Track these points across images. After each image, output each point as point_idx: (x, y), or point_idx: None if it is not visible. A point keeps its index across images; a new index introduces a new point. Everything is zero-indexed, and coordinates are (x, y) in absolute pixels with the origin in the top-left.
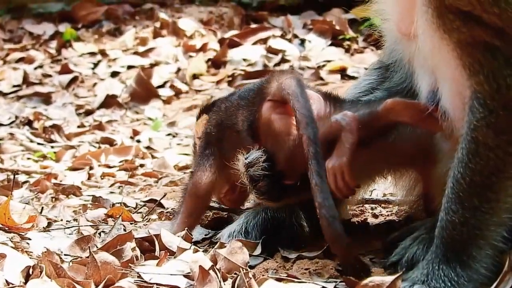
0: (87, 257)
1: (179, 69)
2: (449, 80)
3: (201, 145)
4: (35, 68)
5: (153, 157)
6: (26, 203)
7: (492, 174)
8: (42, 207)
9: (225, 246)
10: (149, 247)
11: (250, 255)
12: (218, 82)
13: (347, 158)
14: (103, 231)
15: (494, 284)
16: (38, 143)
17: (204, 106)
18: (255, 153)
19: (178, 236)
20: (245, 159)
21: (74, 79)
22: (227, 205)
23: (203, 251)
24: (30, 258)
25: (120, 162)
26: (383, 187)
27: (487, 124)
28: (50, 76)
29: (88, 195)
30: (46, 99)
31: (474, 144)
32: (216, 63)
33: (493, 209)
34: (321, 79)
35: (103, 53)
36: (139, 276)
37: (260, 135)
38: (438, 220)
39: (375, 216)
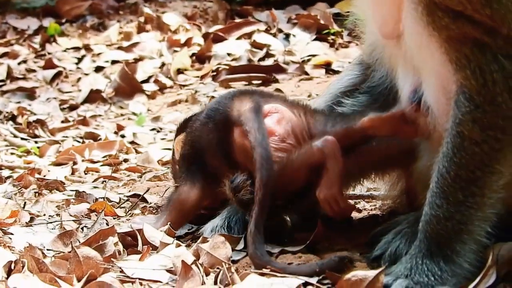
0: (70, 252)
1: (163, 64)
2: (434, 76)
3: (184, 161)
4: (19, 63)
5: (137, 152)
6: (9, 198)
7: (477, 168)
8: (25, 202)
9: (208, 241)
10: (131, 242)
11: (233, 250)
12: (202, 77)
13: (338, 186)
14: (85, 226)
15: (478, 278)
16: (22, 138)
17: (181, 123)
18: (240, 177)
19: (161, 231)
20: (231, 183)
21: (58, 74)
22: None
23: (185, 246)
24: (12, 253)
25: (104, 157)
26: (367, 182)
27: (473, 119)
28: (34, 71)
29: (72, 190)
30: (30, 94)
31: (459, 139)
32: (201, 58)
33: (478, 204)
34: (306, 73)
35: (87, 48)
36: (122, 271)
37: (239, 161)
38: (423, 214)
39: (358, 210)
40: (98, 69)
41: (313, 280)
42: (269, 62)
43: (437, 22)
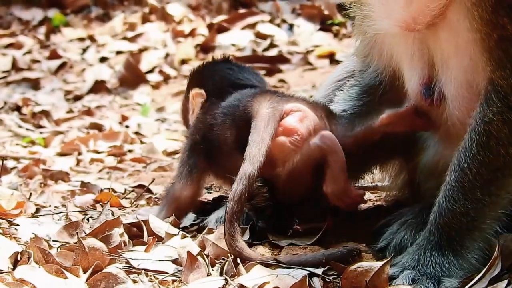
0: (75, 243)
1: (167, 55)
2: (461, 70)
3: (185, 151)
4: (24, 54)
5: (141, 142)
6: (15, 189)
7: (498, 169)
8: (31, 193)
9: (213, 232)
10: (137, 233)
11: None
12: None
13: (343, 178)
14: (91, 217)
15: (484, 269)
16: (27, 129)
17: (193, 75)
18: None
19: (166, 222)
20: None
21: (63, 65)
22: None
23: (191, 237)
24: (18, 244)
25: (109, 147)
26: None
27: (503, 120)
28: (38, 61)
29: (77, 181)
30: (35, 84)
31: (485, 137)
32: (205, 48)
33: (493, 203)
34: (310, 64)
35: (91, 38)
36: (127, 262)
37: None
38: (435, 206)
39: (363, 201)
40: (103, 59)
41: (319, 271)
42: (273, 52)
43: (494, 21)
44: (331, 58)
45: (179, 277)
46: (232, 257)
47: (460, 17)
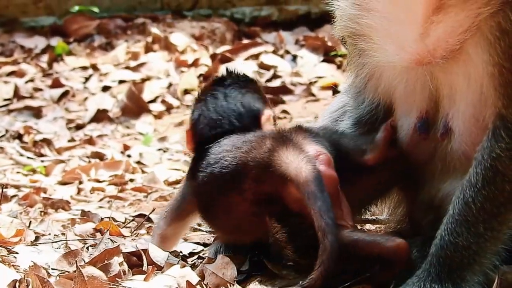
0: (74, 271)
1: (170, 84)
2: (469, 104)
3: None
4: (26, 82)
5: (143, 171)
6: (14, 217)
7: (502, 204)
8: (30, 221)
9: (213, 261)
10: (137, 262)
11: (238, 271)
12: None
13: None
14: (91, 246)
15: None
16: (28, 157)
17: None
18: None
19: (166, 251)
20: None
21: (65, 93)
22: None
23: (190, 266)
24: (17, 272)
25: (110, 176)
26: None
27: (511, 157)
28: (41, 90)
29: (77, 210)
30: (37, 113)
31: (491, 173)
32: (208, 79)
33: (494, 238)
34: (313, 95)
35: (94, 67)
36: None
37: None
38: (437, 238)
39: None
40: (105, 88)
41: None
42: (276, 83)
43: None
44: (334, 90)
45: None
46: (232, 286)
47: (479, 50)
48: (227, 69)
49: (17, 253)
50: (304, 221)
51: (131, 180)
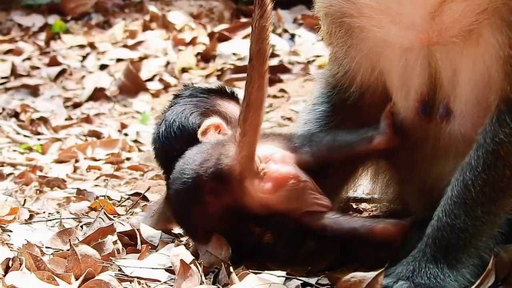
0: (68, 250)
1: (168, 63)
2: (473, 87)
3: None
4: (23, 60)
5: (139, 150)
6: (9, 195)
7: (501, 189)
8: (25, 199)
9: (208, 240)
10: (131, 241)
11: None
12: (207, 76)
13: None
14: (85, 224)
15: (478, 281)
16: (25, 135)
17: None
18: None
19: (158, 230)
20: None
21: (63, 72)
22: None
23: (184, 245)
24: (11, 250)
25: (107, 155)
26: (365, 186)
27: None
28: (38, 68)
29: (73, 188)
30: (34, 91)
31: (493, 157)
32: (206, 57)
33: (491, 222)
34: (310, 74)
35: (92, 45)
36: (120, 270)
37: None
38: (434, 219)
39: (359, 211)
40: (103, 67)
41: (312, 281)
42: (274, 62)
43: None
44: None
45: (171, 285)
46: (226, 265)
47: (495, 32)
48: (183, 86)
49: (11, 231)
50: (283, 218)
51: (128, 159)
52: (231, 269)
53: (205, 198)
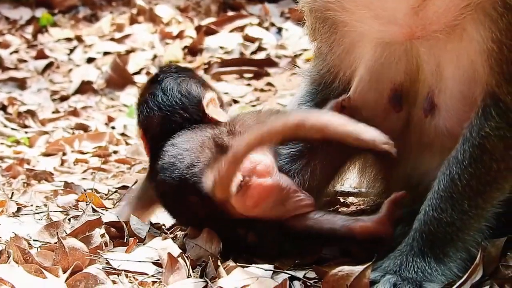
0: (56, 243)
1: (155, 56)
2: (458, 81)
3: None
4: (11, 53)
5: (127, 143)
6: None
7: (488, 183)
8: (12, 192)
9: (197, 235)
10: (118, 234)
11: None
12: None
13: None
14: (73, 217)
15: (465, 275)
16: (12, 128)
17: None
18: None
19: (147, 224)
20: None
21: (50, 65)
22: None
23: (172, 239)
24: None
25: (94, 148)
26: (352, 180)
27: (500, 136)
28: (25, 61)
29: (60, 181)
30: (21, 84)
31: (479, 150)
32: (193, 51)
33: (478, 215)
34: (298, 67)
35: (79, 39)
36: (108, 263)
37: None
38: (421, 213)
39: (347, 205)
40: (90, 60)
41: (300, 274)
42: (261, 55)
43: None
44: None
45: (159, 279)
46: (213, 259)
47: (479, 27)
48: (158, 66)
49: None
50: (266, 223)
51: (115, 152)
52: (219, 262)
53: (189, 198)
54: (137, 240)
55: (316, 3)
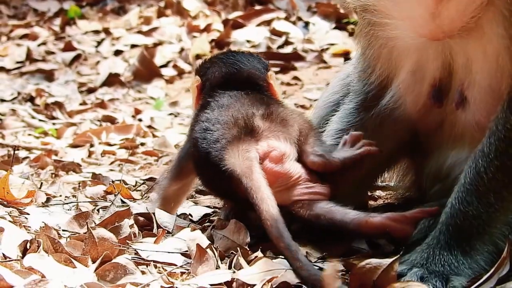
0: (85, 233)
1: (182, 49)
2: (485, 75)
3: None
4: (39, 45)
5: (154, 136)
6: (26, 178)
7: None
8: (42, 183)
9: (225, 226)
10: (147, 224)
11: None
12: None
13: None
14: (101, 208)
15: (492, 269)
16: (40, 120)
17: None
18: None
19: (172, 215)
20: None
21: (77, 57)
22: None
23: (201, 230)
24: (28, 232)
25: (121, 140)
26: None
27: None
28: (53, 53)
29: (88, 172)
30: (49, 76)
31: (505, 143)
32: (220, 44)
33: (504, 208)
34: (324, 62)
35: (107, 31)
36: (137, 253)
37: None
38: (447, 207)
39: (374, 199)
40: (117, 52)
41: (327, 266)
42: (288, 49)
43: None
44: (346, 57)
45: (187, 270)
46: (241, 250)
47: (494, 25)
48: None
49: (28, 214)
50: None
51: (142, 144)
52: (248, 253)
53: (214, 169)
54: (166, 231)
55: (359, 1)
